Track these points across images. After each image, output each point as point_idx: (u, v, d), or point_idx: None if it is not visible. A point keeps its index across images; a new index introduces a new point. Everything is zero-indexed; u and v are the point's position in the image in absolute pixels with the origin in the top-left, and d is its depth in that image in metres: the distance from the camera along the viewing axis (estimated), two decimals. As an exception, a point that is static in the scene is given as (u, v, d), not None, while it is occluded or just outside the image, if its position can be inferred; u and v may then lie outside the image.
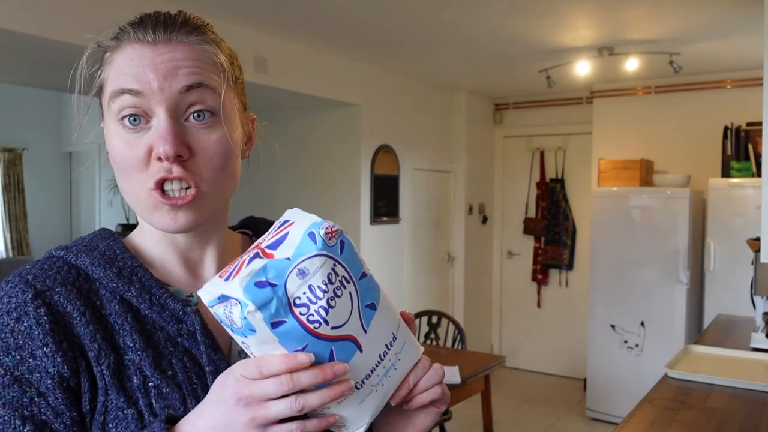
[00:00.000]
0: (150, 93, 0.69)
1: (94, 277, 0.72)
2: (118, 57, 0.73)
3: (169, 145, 0.68)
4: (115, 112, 0.71)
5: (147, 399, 0.68)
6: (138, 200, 0.72)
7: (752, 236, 2.69)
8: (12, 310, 0.67)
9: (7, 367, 0.66)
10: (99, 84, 0.75)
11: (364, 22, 3.58)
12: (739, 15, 3.34)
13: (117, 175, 0.74)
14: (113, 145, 0.72)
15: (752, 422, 1.73)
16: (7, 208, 7.32)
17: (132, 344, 0.70)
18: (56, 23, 2.87)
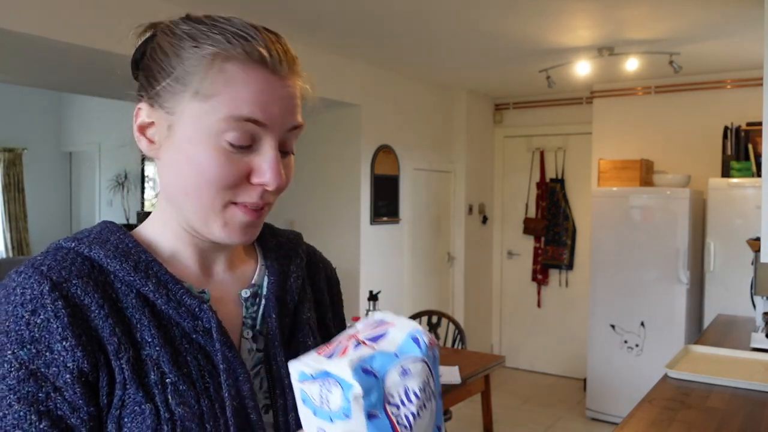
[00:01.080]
0: (270, 126, 0.70)
1: (109, 270, 0.70)
2: (239, 74, 0.69)
3: (279, 179, 0.70)
4: (224, 131, 0.69)
5: (164, 395, 0.67)
6: (209, 211, 0.71)
7: (752, 236, 2.69)
8: (27, 302, 0.65)
9: (22, 360, 0.64)
10: (196, 81, 0.70)
11: (365, 22, 3.58)
12: (739, 15, 3.34)
13: (186, 181, 0.71)
14: (204, 157, 0.69)
15: (752, 422, 1.73)
16: (7, 208, 7.32)
17: (150, 339, 0.69)
18: (56, 23, 2.87)
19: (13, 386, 0.63)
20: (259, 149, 0.70)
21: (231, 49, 0.69)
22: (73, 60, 3.39)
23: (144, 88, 0.75)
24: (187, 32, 0.71)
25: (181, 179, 0.71)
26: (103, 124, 7.39)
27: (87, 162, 7.82)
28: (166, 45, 0.72)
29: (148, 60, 0.74)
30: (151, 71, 0.73)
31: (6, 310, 0.65)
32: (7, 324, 0.65)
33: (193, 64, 0.70)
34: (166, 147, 0.72)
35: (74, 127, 7.74)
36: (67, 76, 3.96)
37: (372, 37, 3.89)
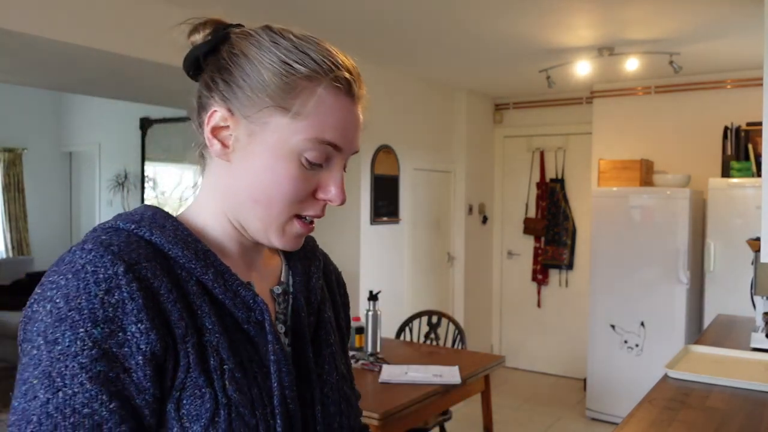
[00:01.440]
0: (343, 149, 0.76)
1: (170, 256, 0.72)
2: (329, 100, 0.74)
3: (343, 197, 0.77)
4: (305, 150, 0.73)
5: (221, 381, 0.69)
6: (273, 221, 0.76)
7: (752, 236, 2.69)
8: (101, 281, 0.65)
9: (95, 339, 0.64)
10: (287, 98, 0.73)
11: (364, 22, 3.58)
12: (739, 15, 3.34)
13: (257, 189, 0.74)
14: (285, 171, 0.73)
15: (752, 422, 1.73)
16: (7, 208, 7.32)
17: (211, 326, 0.71)
18: (56, 23, 2.87)
19: (85, 365, 0.63)
20: (329, 168, 0.76)
21: (323, 73, 0.74)
22: (74, 60, 3.39)
23: (219, 91, 0.75)
24: (280, 47, 0.74)
25: (253, 187, 0.74)
26: (103, 124, 7.39)
27: (87, 162, 7.82)
28: (253, 54, 0.74)
29: (229, 64, 0.75)
30: (233, 77, 0.75)
31: (77, 287, 0.65)
32: (78, 301, 0.64)
33: (286, 82, 0.73)
34: (241, 153, 0.75)
35: (74, 127, 7.74)
36: (67, 76, 3.97)
37: (372, 37, 3.89)
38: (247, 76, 0.74)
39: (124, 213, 0.76)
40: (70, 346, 0.63)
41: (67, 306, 0.64)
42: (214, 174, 0.79)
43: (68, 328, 0.63)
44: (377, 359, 2.97)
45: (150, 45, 3.24)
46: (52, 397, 0.62)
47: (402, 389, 2.59)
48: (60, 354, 0.63)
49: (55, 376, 0.63)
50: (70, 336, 0.63)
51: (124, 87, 4.38)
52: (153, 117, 6.80)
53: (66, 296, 0.64)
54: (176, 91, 4.51)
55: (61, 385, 0.63)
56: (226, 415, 0.68)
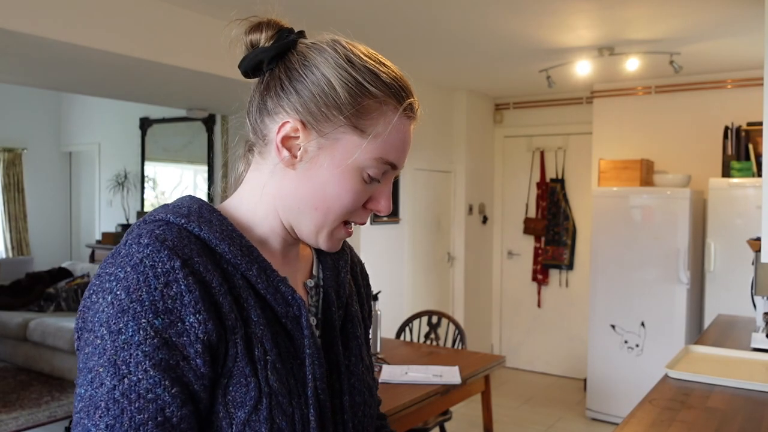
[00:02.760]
0: (399, 168, 0.83)
1: (217, 251, 0.75)
2: (397, 124, 0.80)
3: (390, 209, 0.83)
4: (368, 167, 0.79)
5: (265, 371, 0.74)
6: (325, 226, 0.81)
7: (752, 236, 2.69)
8: (160, 275, 0.69)
9: (157, 328, 0.67)
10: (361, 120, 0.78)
11: (364, 22, 3.58)
12: (739, 15, 3.34)
13: (318, 197, 0.79)
14: (348, 184, 0.79)
15: (753, 422, 1.72)
16: (6, 208, 7.32)
17: (256, 318, 0.75)
18: (56, 23, 2.87)
19: (148, 353, 0.67)
20: (382, 183, 0.82)
21: (395, 98, 0.80)
22: (74, 60, 3.39)
23: (292, 102, 0.78)
24: (356, 67, 0.79)
25: (315, 196, 0.79)
26: (103, 124, 7.38)
27: (87, 162, 7.82)
28: (329, 71, 0.78)
29: (302, 76, 0.78)
30: (308, 90, 0.78)
31: (137, 279, 0.68)
32: (140, 293, 0.68)
33: (360, 103, 0.77)
34: (308, 164, 0.79)
35: (74, 127, 7.74)
36: (67, 76, 3.96)
37: (372, 36, 3.89)
38: (322, 92, 0.77)
39: (171, 205, 0.79)
40: (134, 335, 0.67)
41: (129, 298, 0.68)
42: (268, 174, 0.82)
43: (131, 318, 0.67)
44: (377, 359, 2.97)
45: (150, 45, 3.24)
46: (118, 383, 0.66)
47: (402, 389, 2.59)
48: (124, 343, 0.67)
49: (120, 364, 0.66)
50: (133, 326, 0.67)
51: (124, 87, 4.38)
52: (153, 117, 6.80)
53: (127, 288, 0.68)
54: (176, 91, 4.51)
55: (126, 372, 0.66)
56: (267, 403, 0.72)
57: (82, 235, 7.87)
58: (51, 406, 4.61)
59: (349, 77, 0.77)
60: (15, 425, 4.23)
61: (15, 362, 5.61)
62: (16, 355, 5.58)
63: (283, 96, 0.79)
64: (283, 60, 0.80)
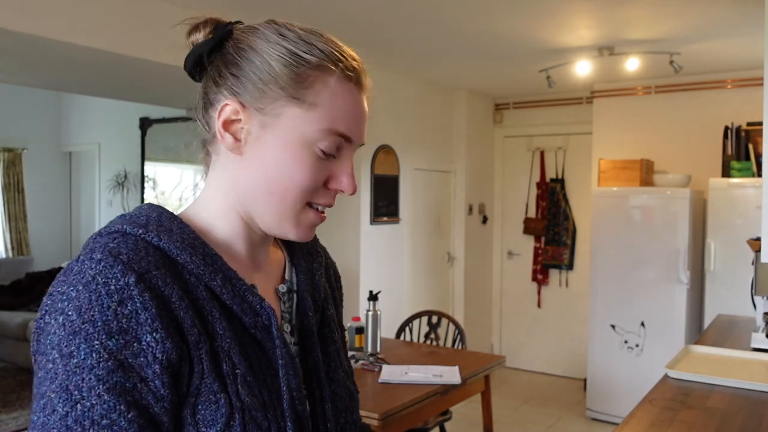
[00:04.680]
0: (354, 141, 0.77)
1: (178, 261, 0.72)
2: (339, 90, 0.75)
3: (354, 187, 0.78)
4: (318, 140, 0.74)
5: (235, 385, 0.70)
6: (288, 211, 0.76)
7: (752, 236, 2.69)
8: (113, 293, 0.65)
9: (110, 350, 0.64)
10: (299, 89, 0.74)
11: (364, 22, 3.58)
12: (739, 15, 3.34)
13: (270, 181, 0.75)
14: (299, 161, 0.74)
15: (753, 422, 1.72)
16: (6, 208, 7.32)
17: (222, 331, 0.71)
18: (57, 23, 2.87)
19: (102, 376, 0.63)
20: (340, 159, 0.77)
21: (333, 64, 0.75)
22: (74, 60, 3.39)
23: (230, 86, 0.75)
24: (288, 39, 0.75)
25: (267, 178, 0.75)
26: (103, 124, 7.38)
27: (87, 162, 7.82)
28: (261, 47, 0.75)
29: (236, 58, 0.75)
30: (242, 70, 0.75)
31: (89, 299, 0.65)
32: (92, 313, 0.64)
33: (297, 73, 0.74)
34: (254, 146, 0.75)
35: (74, 127, 7.74)
36: (67, 76, 3.96)
37: (372, 36, 3.89)
38: (257, 69, 0.74)
39: (129, 214, 0.75)
40: (86, 359, 0.63)
41: (80, 318, 0.64)
42: (222, 169, 0.79)
43: (83, 340, 0.63)
44: (377, 359, 2.97)
45: (150, 45, 3.24)
46: (70, 410, 0.62)
47: (402, 389, 2.59)
48: (76, 367, 0.63)
49: (72, 389, 0.63)
50: (85, 349, 0.63)
51: (124, 87, 4.38)
52: (153, 117, 6.80)
53: (78, 309, 0.64)
54: (176, 91, 4.50)
55: (79, 397, 0.63)
56: (240, 418, 0.69)
57: (82, 235, 7.87)
58: (51, 406, 4.61)
59: (282, 49, 0.74)
60: (15, 425, 4.23)
61: (15, 362, 5.61)
62: (16, 355, 5.58)
63: (221, 83, 0.76)
64: (221, 50, 0.78)
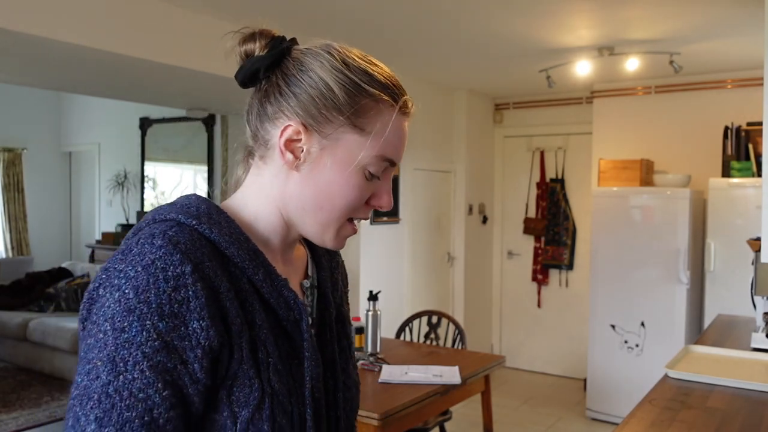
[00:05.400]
0: (397, 164, 0.86)
1: (226, 254, 0.78)
2: (394, 122, 0.83)
3: (391, 203, 0.87)
4: (369, 164, 0.82)
5: (267, 373, 0.77)
6: (331, 224, 0.84)
7: (752, 236, 2.69)
8: (170, 279, 0.71)
9: (159, 331, 0.69)
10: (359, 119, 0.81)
11: (364, 22, 3.58)
12: (739, 15, 3.34)
13: (322, 196, 0.82)
14: (350, 182, 0.82)
15: (753, 422, 1.72)
16: (6, 208, 7.32)
17: (260, 322, 0.78)
18: (56, 23, 2.87)
19: (147, 354, 0.69)
20: (383, 179, 0.85)
21: (390, 97, 0.82)
22: (74, 60, 3.39)
23: (292, 106, 0.81)
24: (352, 69, 0.81)
25: (319, 195, 0.82)
26: (102, 124, 7.38)
27: (87, 162, 7.82)
28: (325, 74, 0.81)
29: (299, 81, 0.81)
30: (306, 93, 0.81)
31: (147, 281, 0.70)
32: (148, 295, 0.70)
33: (358, 102, 0.80)
34: (311, 165, 0.82)
35: (74, 127, 7.74)
36: (67, 76, 3.96)
37: (371, 36, 3.89)
38: (321, 95, 0.80)
39: (179, 204, 0.80)
40: (137, 335, 0.69)
41: (137, 298, 0.70)
42: (272, 176, 0.85)
43: (136, 319, 0.69)
44: (377, 359, 2.97)
45: (150, 45, 3.24)
46: (113, 379, 0.68)
47: (402, 389, 2.59)
48: (125, 342, 0.69)
49: (118, 361, 0.69)
50: (137, 326, 0.69)
51: (124, 87, 4.38)
52: (153, 117, 6.80)
53: (136, 288, 0.70)
54: (176, 91, 4.51)
55: (123, 370, 0.68)
56: (269, 402, 0.76)
57: (81, 235, 7.87)
58: (51, 406, 4.61)
59: (346, 79, 0.80)
60: (15, 425, 4.23)
61: (15, 362, 5.61)
62: (16, 355, 5.58)
63: (282, 101, 0.82)
64: (280, 67, 0.83)
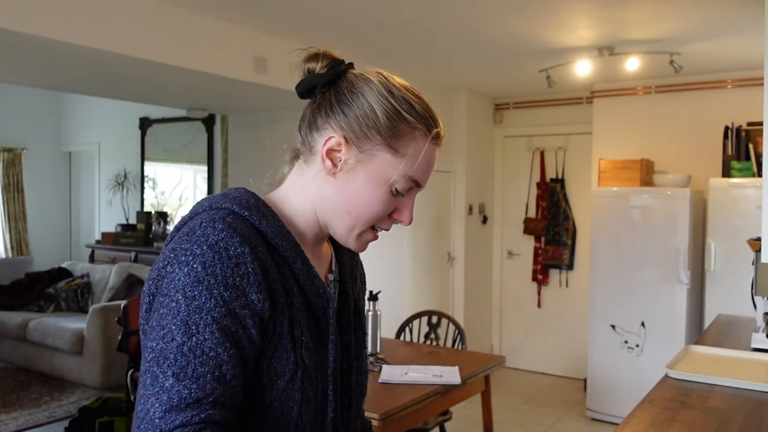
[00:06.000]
0: (423, 186, 0.98)
1: (272, 243, 0.90)
2: (427, 150, 0.95)
3: (411, 220, 1.00)
4: (397, 182, 0.93)
5: (300, 349, 0.89)
6: (355, 229, 0.96)
7: (753, 236, 2.69)
8: (233, 257, 0.83)
9: (225, 299, 0.82)
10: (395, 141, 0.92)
11: (364, 22, 3.58)
12: (739, 15, 3.34)
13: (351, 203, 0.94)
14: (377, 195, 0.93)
15: (753, 423, 1.72)
16: (6, 208, 7.32)
17: (297, 304, 0.90)
18: (56, 23, 2.87)
19: (216, 318, 0.81)
20: (407, 197, 0.98)
21: (426, 126, 0.94)
22: (74, 60, 3.39)
23: (338, 121, 0.93)
24: (395, 96, 0.93)
25: (350, 202, 0.94)
26: (102, 124, 7.38)
27: (87, 162, 7.82)
28: (372, 98, 0.93)
29: (349, 100, 0.93)
30: (353, 112, 0.92)
31: (212, 257, 0.82)
32: (214, 269, 0.82)
33: (396, 126, 0.92)
34: (346, 174, 0.93)
35: (74, 127, 7.73)
36: (67, 76, 3.96)
37: (371, 36, 3.89)
38: (365, 115, 0.92)
39: (231, 196, 0.92)
40: (206, 302, 0.81)
41: (204, 271, 0.82)
42: (312, 178, 0.96)
43: (205, 288, 0.81)
44: (377, 359, 2.97)
45: (150, 45, 3.24)
46: (187, 340, 0.80)
47: (402, 389, 2.59)
48: (197, 308, 0.81)
49: (191, 325, 0.80)
50: (206, 295, 0.81)
51: (124, 87, 4.38)
52: (153, 117, 6.80)
53: (204, 263, 0.82)
54: (176, 91, 4.51)
55: (195, 332, 0.80)
56: (301, 375, 0.88)
57: (81, 235, 7.87)
58: (50, 406, 4.61)
59: (389, 104, 0.92)
60: (15, 425, 4.23)
61: (15, 362, 5.61)
62: (16, 355, 5.58)
63: (331, 115, 0.93)
64: (334, 85, 0.95)
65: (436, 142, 0.95)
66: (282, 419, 0.87)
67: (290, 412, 0.87)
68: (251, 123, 5.62)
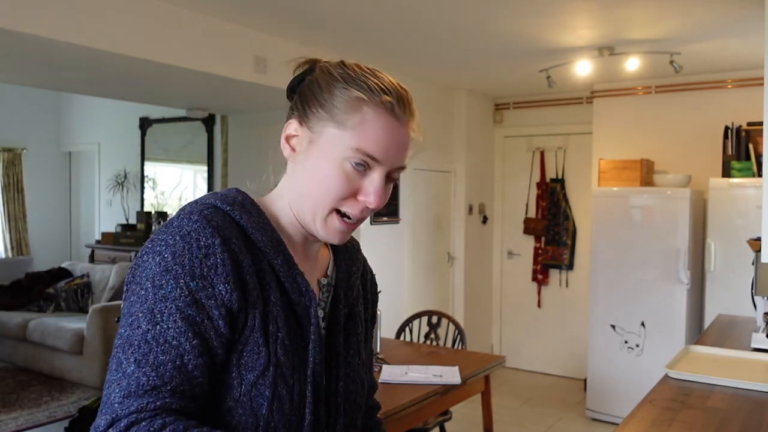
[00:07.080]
0: (382, 162, 0.91)
1: (251, 238, 0.90)
2: (373, 117, 0.90)
3: (378, 201, 0.91)
4: (349, 157, 0.89)
5: (275, 345, 0.88)
6: (317, 212, 0.93)
7: (753, 236, 2.69)
8: (202, 247, 0.84)
9: (191, 289, 0.82)
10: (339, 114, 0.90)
11: (364, 22, 3.58)
12: (739, 15, 3.34)
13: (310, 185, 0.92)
14: (330, 172, 0.90)
15: (753, 423, 1.72)
16: (6, 208, 7.31)
17: (274, 300, 0.89)
18: (56, 23, 2.87)
19: (180, 307, 0.82)
20: (369, 176, 0.91)
21: (371, 96, 0.90)
22: (74, 60, 3.39)
23: (296, 108, 0.95)
24: (341, 75, 0.92)
25: (307, 183, 0.92)
26: (102, 124, 7.38)
27: (86, 162, 7.82)
28: (323, 81, 0.93)
29: (306, 88, 0.95)
30: (306, 98, 0.94)
31: (183, 247, 0.83)
32: (182, 259, 0.83)
33: (340, 101, 0.90)
34: (303, 156, 0.93)
35: (74, 127, 7.73)
36: (67, 76, 3.96)
37: (372, 37, 3.89)
38: (315, 98, 0.92)
39: (220, 194, 0.94)
40: (171, 291, 0.82)
41: (173, 261, 0.83)
42: (289, 173, 0.97)
43: (172, 278, 0.82)
44: (377, 359, 2.97)
45: (150, 45, 3.24)
46: (151, 328, 0.81)
47: (402, 389, 2.59)
48: (162, 297, 0.82)
49: (156, 313, 0.81)
50: (173, 284, 0.82)
51: (124, 87, 4.38)
52: (152, 117, 6.80)
53: (174, 253, 0.83)
54: (176, 91, 4.50)
55: (160, 320, 0.81)
56: (273, 371, 0.87)
57: (81, 235, 7.87)
58: (50, 406, 4.61)
59: (336, 82, 0.91)
60: (15, 425, 4.23)
61: (15, 362, 5.60)
62: (16, 355, 5.58)
63: (294, 107, 0.96)
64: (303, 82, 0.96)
65: (387, 109, 0.90)
66: (251, 416, 0.86)
67: (260, 408, 0.86)
68: (251, 123, 5.62)
